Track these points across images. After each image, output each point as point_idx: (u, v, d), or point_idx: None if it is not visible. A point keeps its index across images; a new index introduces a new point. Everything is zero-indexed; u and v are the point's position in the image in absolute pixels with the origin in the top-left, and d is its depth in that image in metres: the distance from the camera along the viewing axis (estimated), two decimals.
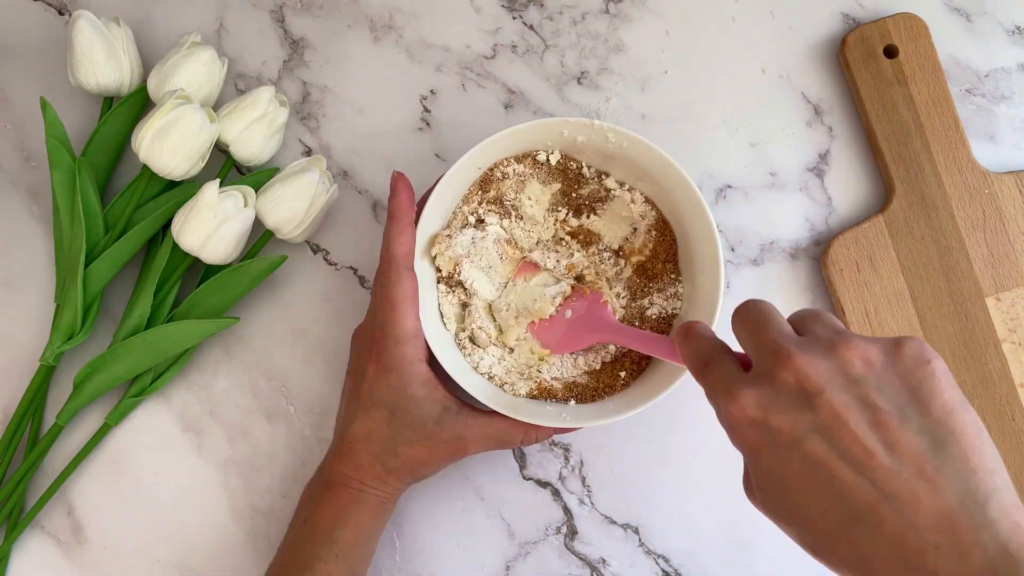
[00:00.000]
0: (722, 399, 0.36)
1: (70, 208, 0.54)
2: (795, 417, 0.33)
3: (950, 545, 0.30)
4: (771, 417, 0.33)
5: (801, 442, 0.33)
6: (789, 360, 0.34)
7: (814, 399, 0.33)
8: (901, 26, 0.59)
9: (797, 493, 0.33)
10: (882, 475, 0.31)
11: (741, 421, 0.34)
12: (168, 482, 0.56)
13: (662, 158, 0.50)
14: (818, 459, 0.32)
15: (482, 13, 0.61)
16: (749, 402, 0.34)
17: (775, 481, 0.34)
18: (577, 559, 0.56)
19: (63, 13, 0.60)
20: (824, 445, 0.32)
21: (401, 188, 0.49)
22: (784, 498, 0.34)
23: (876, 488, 0.31)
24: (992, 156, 0.60)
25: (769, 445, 0.34)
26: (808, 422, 0.33)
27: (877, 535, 0.31)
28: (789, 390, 0.33)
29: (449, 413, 0.49)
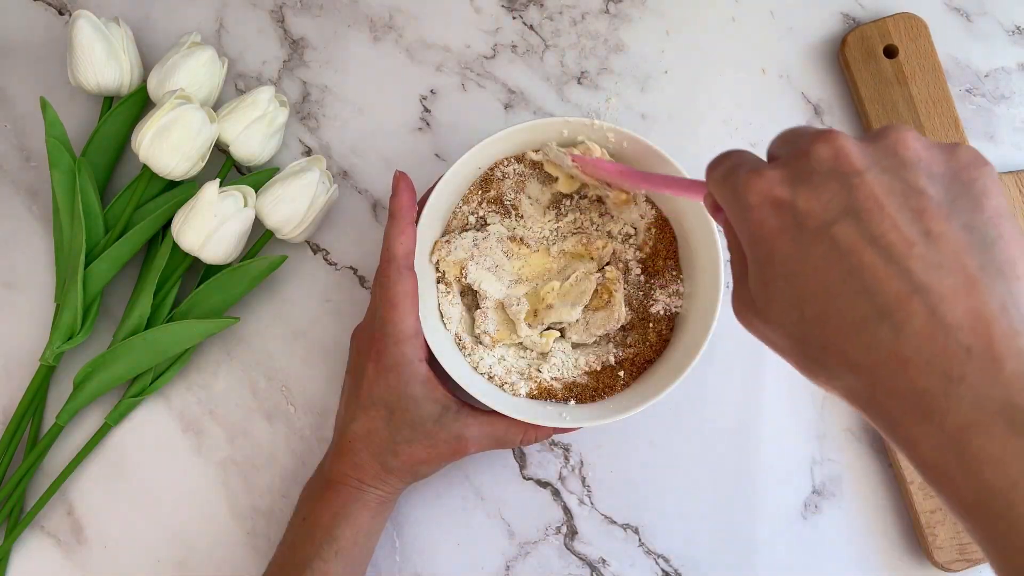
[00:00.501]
0: (744, 176, 0.31)
1: (70, 208, 0.54)
2: (829, 198, 0.29)
3: (983, 350, 0.26)
4: (799, 196, 0.29)
5: (831, 225, 0.28)
6: (829, 137, 0.29)
7: (852, 179, 0.28)
8: (901, 26, 0.59)
9: (813, 285, 0.29)
10: (919, 266, 0.27)
11: (763, 200, 0.30)
12: (168, 482, 0.56)
13: (662, 158, 0.50)
14: (848, 245, 0.28)
15: (482, 13, 0.61)
16: (775, 178, 0.30)
17: (788, 273, 0.29)
18: (577, 559, 0.56)
19: (63, 13, 0.60)
20: (856, 229, 0.28)
21: (403, 188, 0.49)
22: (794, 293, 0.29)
23: (910, 280, 0.27)
24: (992, 156, 0.60)
25: (792, 229, 0.29)
26: (842, 203, 0.28)
27: (900, 334, 0.27)
28: (825, 167, 0.29)
29: (449, 412, 0.49)
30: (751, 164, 0.31)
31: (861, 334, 0.28)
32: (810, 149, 0.30)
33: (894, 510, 0.57)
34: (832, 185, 0.29)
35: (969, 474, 0.26)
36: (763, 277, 0.30)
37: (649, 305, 0.53)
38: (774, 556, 0.56)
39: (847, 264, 0.28)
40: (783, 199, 0.29)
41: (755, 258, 0.31)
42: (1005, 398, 0.26)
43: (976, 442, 0.26)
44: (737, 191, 0.31)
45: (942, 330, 0.27)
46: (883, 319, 0.27)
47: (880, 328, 0.27)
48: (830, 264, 0.28)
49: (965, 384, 0.26)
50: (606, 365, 0.52)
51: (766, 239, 0.30)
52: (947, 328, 0.27)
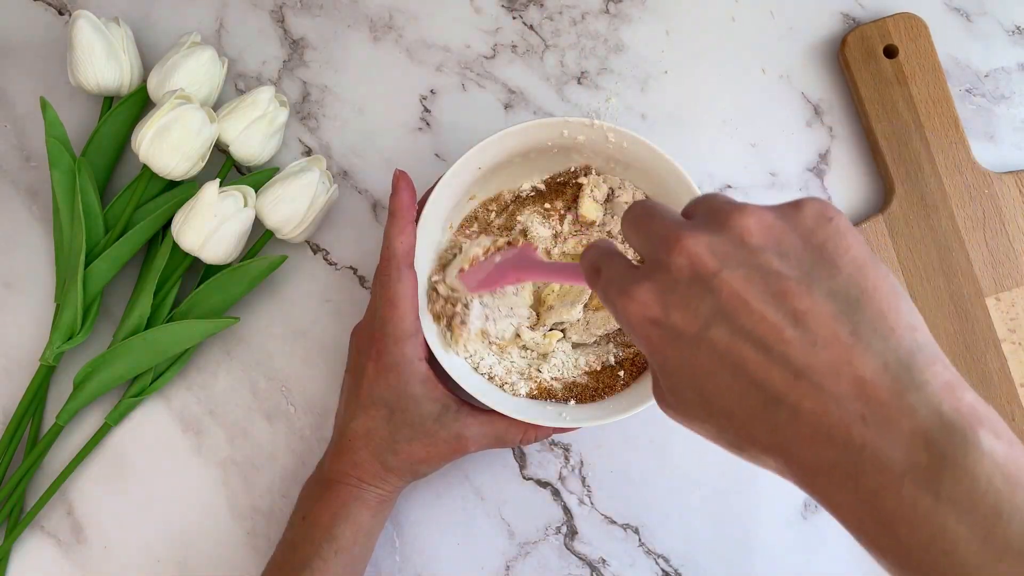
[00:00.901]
0: (617, 300, 0.32)
1: (70, 208, 0.54)
2: (695, 307, 0.30)
3: (877, 413, 0.27)
4: (671, 312, 0.30)
5: (705, 333, 0.29)
6: (679, 243, 0.30)
7: (711, 282, 0.29)
8: (901, 26, 0.59)
9: (709, 386, 0.30)
10: (793, 350, 0.28)
11: (640, 320, 0.31)
12: (168, 482, 0.56)
13: (662, 158, 0.50)
14: (724, 348, 0.29)
15: (482, 13, 0.61)
16: (645, 298, 0.31)
17: (685, 379, 0.31)
18: (577, 559, 0.56)
19: (63, 13, 0.60)
20: (728, 330, 0.29)
21: (403, 186, 0.49)
22: (696, 395, 0.30)
23: (789, 365, 0.28)
24: (992, 156, 0.60)
25: (672, 342, 0.30)
26: (709, 309, 0.29)
27: (797, 415, 0.28)
28: (684, 276, 0.30)
29: (448, 412, 0.49)
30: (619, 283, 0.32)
31: (763, 422, 0.29)
32: (668, 261, 0.31)
33: None
34: (696, 293, 0.30)
35: (889, 535, 0.27)
36: (667, 384, 0.32)
37: None
38: (774, 556, 0.56)
39: (730, 363, 0.29)
40: (657, 317, 0.31)
41: (655, 367, 0.32)
42: (907, 459, 0.26)
43: (889, 504, 0.27)
44: (614, 309, 0.33)
45: (834, 403, 0.27)
46: (778, 405, 0.28)
47: (778, 414, 0.28)
48: (716, 366, 0.29)
49: (868, 450, 0.27)
50: (606, 365, 0.52)
51: (656, 351, 0.31)
52: (838, 400, 0.27)
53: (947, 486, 0.26)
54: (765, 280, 0.29)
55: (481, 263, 0.50)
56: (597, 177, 0.53)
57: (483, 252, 0.50)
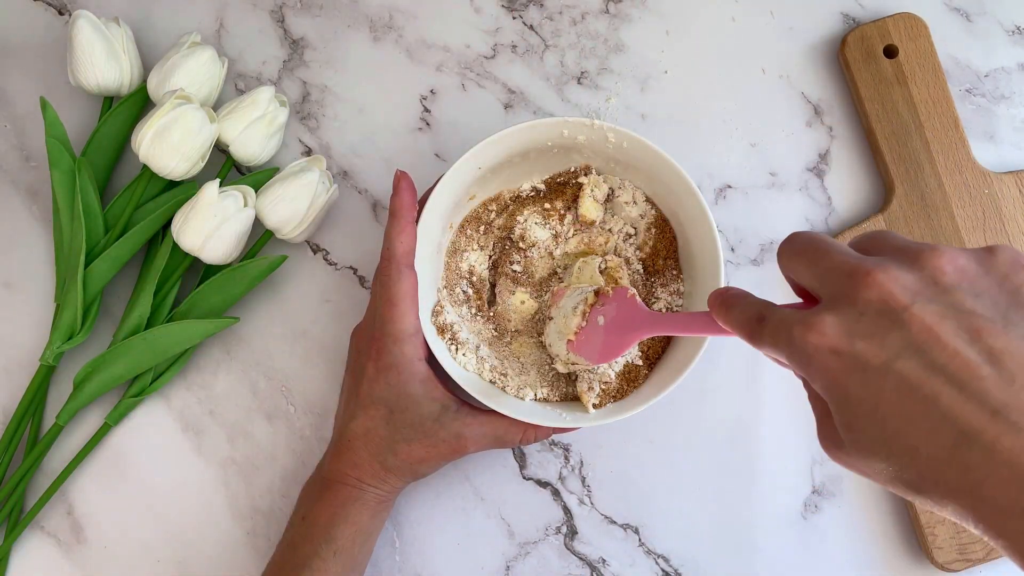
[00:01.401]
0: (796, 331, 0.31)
1: (70, 208, 0.54)
2: (883, 338, 0.29)
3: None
4: (856, 342, 0.30)
5: (893, 364, 0.29)
6: (869, 277, 0.30)
7: (902, 315, 0.29)
8: (901, 26, 0.59)
9: (895, 421, 0.29)
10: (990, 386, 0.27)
11: (822, 351, 0.30)
12: (168, 482, 0.56)
13: (662, 158, 0.50)
14: (914, 381, 0.28)
15: (482, 13, 0.61)
16: (829, 328, 0.30)
17: (868, 412, 0.30)
18: (577, 559, 0.56)
19: (63, 13, 0.60)
20: (919, 364, 0.28)
21: (404, 187, 0.49)
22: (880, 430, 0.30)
23: (986, 402, 0.27)
24: (992, 156, 0.60)
25: (857, 372, 0.30)
26: (898, 341, 0.29)
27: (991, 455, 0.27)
28: (873, 309, 0.30)
29: (448, 412, 0.49)
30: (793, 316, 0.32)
31: (953, 461, 0.28)
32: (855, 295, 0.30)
33: (894, 510, 0.57)
34: (884, 324, 0.29)
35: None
36: (844, 419, 0.31)
37: (651, 303, 0.53)
38: (774, 556, 0.56)
39: (920, 396, 0.28)
40: (840, 347, 0.30)
41: (832, 402, 0.31)
42: None
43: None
44: (793, 346, 0.32)
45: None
46: (972, 444, 0.27)
47: (971, 453, 0.28)
48: (904, 399, 0.29)
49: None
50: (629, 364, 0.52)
51: (836, 385, 0.30)
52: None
53: None
54: (958, 317, 0.29)
55: (585, 328, 0.49)
56: (597, 177, 0.53)
57: (582, 316, 0.50)
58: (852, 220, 0.60)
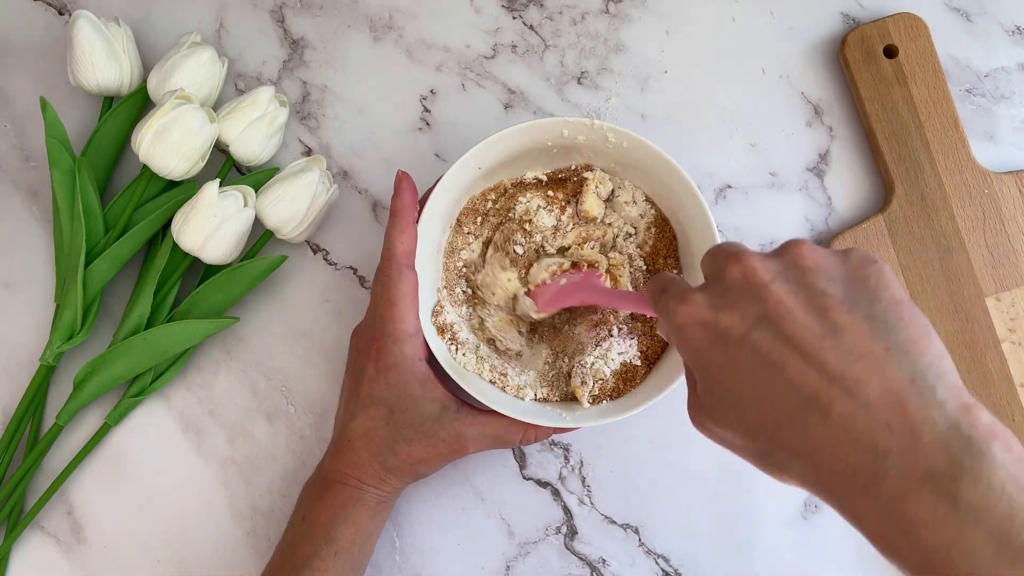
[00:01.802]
0: (672, 305, 0.35)
1: (70, 208, 0.54)
2: (743, 311, 0.33)
3: (901, 423, 0.29)
4: (720, 314, 0.33)
5: (749, 334, 0.32)
6: (738, 258, 0.34)
7: (761, 291, 0.33)
8: (901, 26, 0.59)
9: (748, 388, 0.32)
10: (831, 356, 0.31)
11: (690, 322, 0.34)
12: (168, 482, 0.56)
13: (662, 158, 0.50)
14: (766, 350, 0.32)
15: (482, 13, 0.61)
16: (698, 302, 0.34)
17: (725, 380, 0.33)
18: (577, 559, 0.56)
19: (63, 13, 0.60)
20: (771, 334, 0.32)
21: (405, 187, 0.49)
22: (733, 397, 0.33)
23: (825, 370, 0.30)
24: (992, 156, 0.60)
25: (718, 343, 0.33)
26: (755, 314, 0.32)
27: (827, 419, 0.30)
28: (737, 285, 0.33)
29: (448, 412, 0.49)
30: (677, 290, 0.36)
31: (795, 424, 0.31)
32: (724, 272, 0.34)
33: None
34: (745, 299, 0.33)
35: (909, 539, 0.29)
36: (706, 386, 0.34)
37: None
38: (774, 556, 0.56)
39: (769, 365, 0.32)
40: (707, 319, 0.34)
41: (696, 370, 0.35)
42: (927, 466, 0.28)
43: (909, 509, 0.28)
44: (668, 315, 0.36)
45: (863, 410, 0.29)
46: (811, 408, 0.30)
47: (810, 416, 0.30)
48: (756, 367, 0.32)
49: (891, 457, 0.29)
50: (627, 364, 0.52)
51: (699, 353, 0.34)
52: (867, 408, 0.29)
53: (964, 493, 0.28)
54: (810, 296, 0.32)
55: (547, 285, 0.52)
56: (603, 173, 0.53)
57: (549, 275, 0.52)
58: (852, 220, 0.60)
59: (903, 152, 0.58)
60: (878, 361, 0.30)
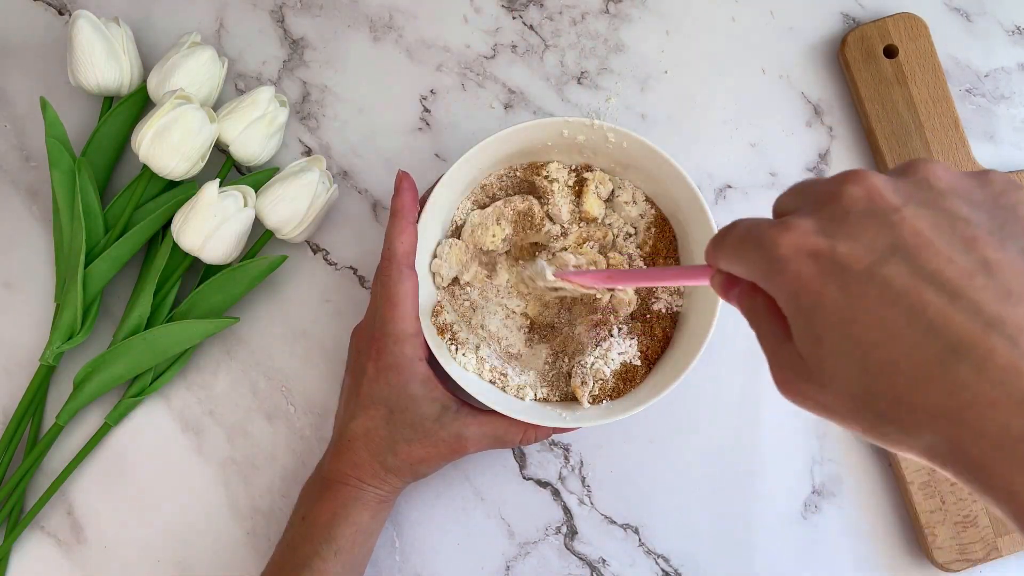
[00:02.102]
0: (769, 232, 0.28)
1: (70, 208, 0.54)
2: (870, 240, 0.26)
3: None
4: (838, 242, 0.27)
5: (878, 269, 0.26)
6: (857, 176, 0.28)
7: (892, 216, 0.26)
8: (901, 26, 0.59)
9: (874, 333, 0.26)
10: (985, 297, 0.25)
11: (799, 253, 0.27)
12: (168, 482, 0.56)
13: (662, 158, 0.50)
14: (900, 288, 0.26)
15: (482, 13, 0.61)
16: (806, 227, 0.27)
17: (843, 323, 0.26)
18: (577, 559, 0.56)
19: (63, 13, 0.60)
20: (908, 268, 0.26)
21: (406, 187, 0.49)
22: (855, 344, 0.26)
23: (980, 314, 0.25)
24: (992, 156, 0.60)
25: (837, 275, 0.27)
26: (886, 244, 0.26)
27: (984, 371, 0.24)
28: (859, 208, 0.27)
29: (448, 412, 0.49)
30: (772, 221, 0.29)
31: (938, 378, 0.25)
32: (839, 191, 0.28)
33: (894, 510, 0.57)
34: (871, 225, 0.27)
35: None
36: (813, 332, 0.27)
37: (652, 303, 0.53)
38: (774, 556, 0.56)
39: (906, 305, 0.26)
40: (820, 248, 0.27)
41: (800, 313, 0.28)
42: None
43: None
44: (763, 248, 0.28)
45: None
46: (961, 359, 0.25)
47: (959, 369, 0.25)
48: (887, 307, 0.26)
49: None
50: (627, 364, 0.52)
51: (809, 290, 0.27)
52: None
53: None
54: (953, 224, 0.26)
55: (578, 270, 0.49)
56: (603, 173, 0.53)
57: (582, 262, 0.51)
58: None
59: (903, 152, 0.58)
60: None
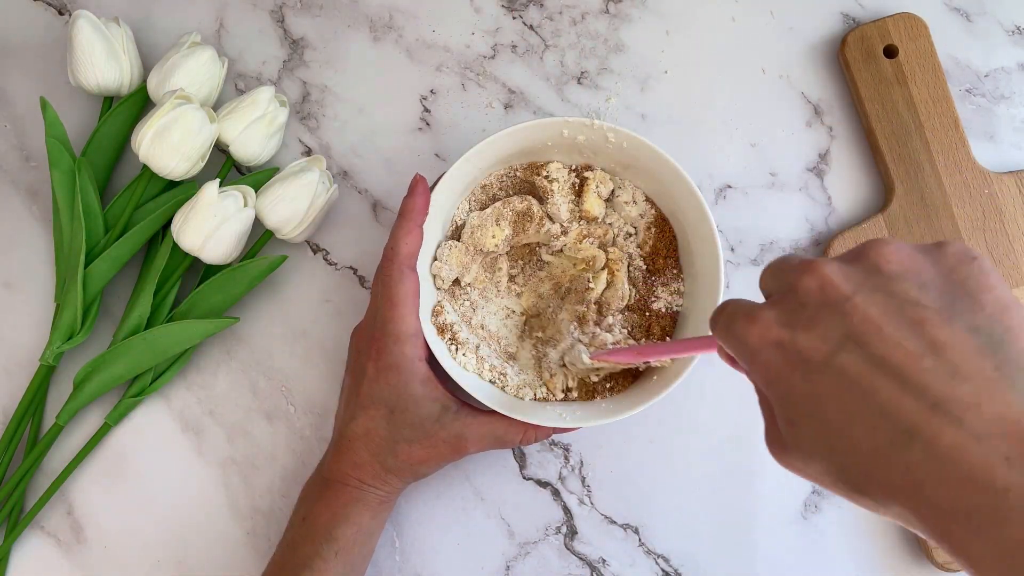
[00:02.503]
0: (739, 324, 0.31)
1: (70, 208, 0.54)
2: (824, 330, 0.28)
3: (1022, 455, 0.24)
4: (798, 335, 0.29)
5: (833, 358, 0.28)
6: (811, 268, 0.30)
7: (843, 305, 0.28)
8: (901, 26, 0.59)
9: (836, 417, 0.28)
10: (931, 379, 0.26)
11: (763, 344, 0.30)
12: (168, 482, 0.56)
13: (662, 158, 0.50)
14: (854, 375, 0.27)
15: (482, 13, 0.61)
16: (770, 320, 0.30)
17: (807, 410, 0.29)
18: (577, 559, 0.56)
19: (63, 13, 0.60)
20: (860, 355, 0.27)
21: (420, 190, 0.49)
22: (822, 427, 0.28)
23: (926, 396, 0.26)
24: (992, 156, 0.60)
25: (798, 367, 0.29)
26: (839, 334, 0.28)
27: (932, 452, 0.26)
28: (814, 300, 0.29)
29: (448, 412, 0.49)
30: (745, 310, 0.31)
31: (894, 459, 0.27)
32: (796, 284, 0.30)
33: None
34: (825, 316, 0.29)
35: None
36: (787, 416, 0.30)
37: (651, 302, 0.53)
38: (774, 556, 0.56)
39: (860, 391, 0.27)
40: (783, 339, 0.29)
41: (775, 398, 0.30)
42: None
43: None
44: (739, 339, 0.31)
45: (974, 441, 0.25)
46: (912, 440, 0.26)
47: (910, 449, 0.26)
48: (844, 393, 0.28)
49: (1012, 496, 0.24)
50: None
51: (777, 380, 0.30)
52: (979, 438, 0.25)
53: None
54: (901, 308, 0.28)
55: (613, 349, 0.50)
56: (603, 173, 0.53)
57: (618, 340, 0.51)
58: (852, 220, 0.60)
59: (903, 152, 0.58)
60: (988, 382, 0.26)
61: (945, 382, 0.26)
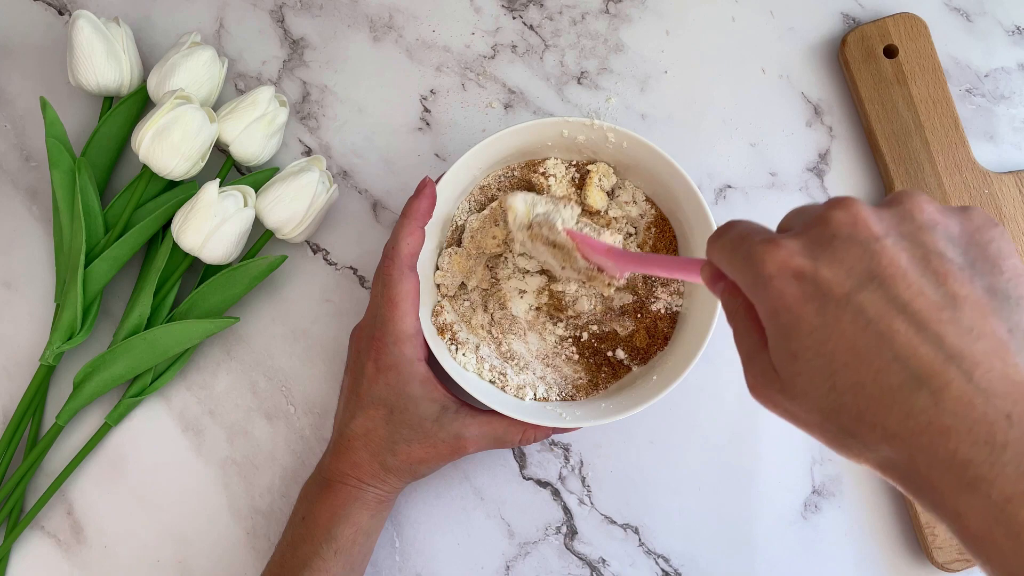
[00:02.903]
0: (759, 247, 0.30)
1: (70, 208, 0.54)
2: (850, 265, 0.28)
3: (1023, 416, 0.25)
4: (821, 265, 0.28)
5: (854, 294, 0.28)
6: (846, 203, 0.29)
7: (873, 245, 0.28)
8: (901, 26, 0.59)
9: (845, 355, 0.28)
10: (949, 331, 0.27)
11: (781, 271, 0.29)
12: (168, 482, 0.56)
13: (662, 158, 0.50)
14: (873, 315, 0.27)
15: (482, 13, 0.61)
16: (793, 247, 0.29)
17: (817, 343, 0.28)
18: (577, 559, 0.56)
19: (63, 13, 0.60)
20: (882, 296, 0.28)
21: (426, 193, 0.49)
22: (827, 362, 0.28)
23: (942, 346, 0.27)
24: (992, 156, 0.60)
25: (816, 298, 0.28)
26: (865, 270, 0.28)
27: (939, 401, 0.26)
28: (844, 233, 0.29)
29: (448, 412, 0.49)
30: (762, 233, 0.31)
31: (898, 402, 0.27)
32: (828, 215, 0.29)
33: (894, 510, 0.57)
34: (853, 251, 0.28)
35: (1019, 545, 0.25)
36: (789, 349, 0.29)
37: (651, 302, 0.53)
38: (774, 556, 0.56)
39: (876, 332, 0.28)
40: (803, 269, 0.29)
41: (778, 329, 0.30)
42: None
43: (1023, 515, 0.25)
44: (751, 261, 0.30)
45: (981, 397, 0.26)
46: (920, 386, 0.27)
47: (918, 396, 0.27)
48: (859, 332, 0.28)
49: (1009, 452, 0.25)
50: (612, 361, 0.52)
51: (789, 310, 0.29)
52: (985, 395, 0.26)
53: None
54: (927, 258, 0.28)
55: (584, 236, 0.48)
56: (607, 166, 0.53)
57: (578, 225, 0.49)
58: None
59: (903, 152, 0.58)
60: (1000, 343, 0.27)
61: (960, 336, 0.27)
